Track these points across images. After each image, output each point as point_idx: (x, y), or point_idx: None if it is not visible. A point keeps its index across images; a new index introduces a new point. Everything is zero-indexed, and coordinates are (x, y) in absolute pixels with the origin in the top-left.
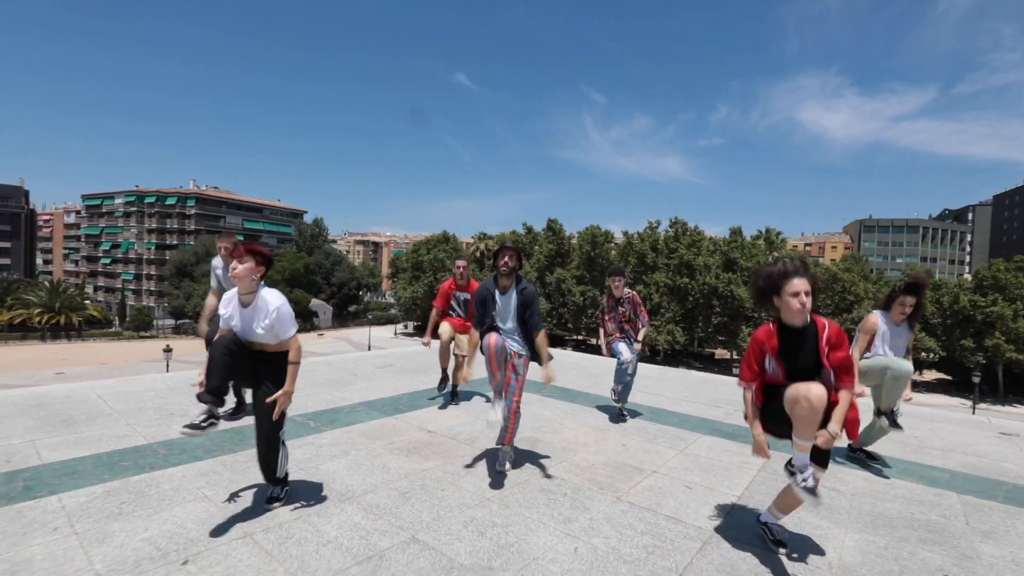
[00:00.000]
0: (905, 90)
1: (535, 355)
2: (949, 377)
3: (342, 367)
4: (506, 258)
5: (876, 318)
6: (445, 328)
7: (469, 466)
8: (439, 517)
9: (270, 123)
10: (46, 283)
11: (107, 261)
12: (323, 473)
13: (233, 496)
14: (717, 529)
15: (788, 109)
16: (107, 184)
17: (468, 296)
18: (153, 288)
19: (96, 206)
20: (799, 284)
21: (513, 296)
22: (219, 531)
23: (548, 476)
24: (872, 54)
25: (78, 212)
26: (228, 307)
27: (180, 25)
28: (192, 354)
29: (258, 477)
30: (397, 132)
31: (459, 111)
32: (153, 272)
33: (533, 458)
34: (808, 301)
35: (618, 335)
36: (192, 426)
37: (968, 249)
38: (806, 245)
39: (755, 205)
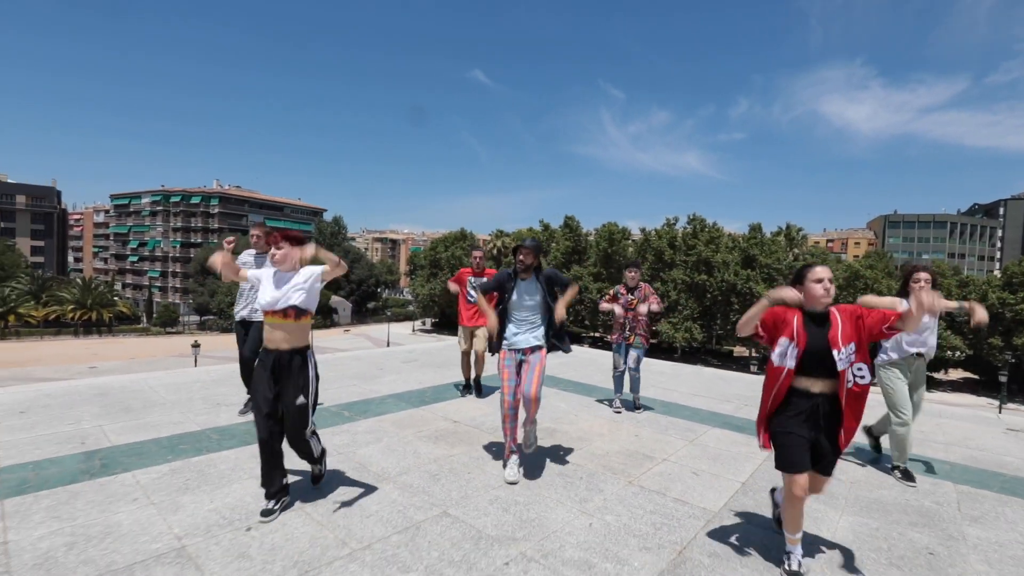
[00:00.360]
0: (935, 81)
1: (551, 344)
2: (976, 376)
3: (370, 362)
4: (521, 256)
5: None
6: (463, 336)
7: (493, 453)
8: (467, 496)
9: (290, 122)
10: (78, 280)
11: (135, 259)
12: (360, 457)
13: None
14: (720, 510)
15: (811, 102)
16: (134, 184)
17: (485, 280)
18: (178, 285)
19: (124, 205)
20: (822, 272)
21: (534, 282)
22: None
23: (565, 462)
24: (900, 44)
25: (107, 211)
26: (260, 274)
27: (206, 25)
28: (218, 349)
29: (296, 462)
30: (415, 130)
31: (476, 108)
32: (178, 270)
33: (551, 446)
34: (831, 287)
35: (618, 336)
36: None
37: (999, 245)
38: (828, 241)
39: (776, 201)
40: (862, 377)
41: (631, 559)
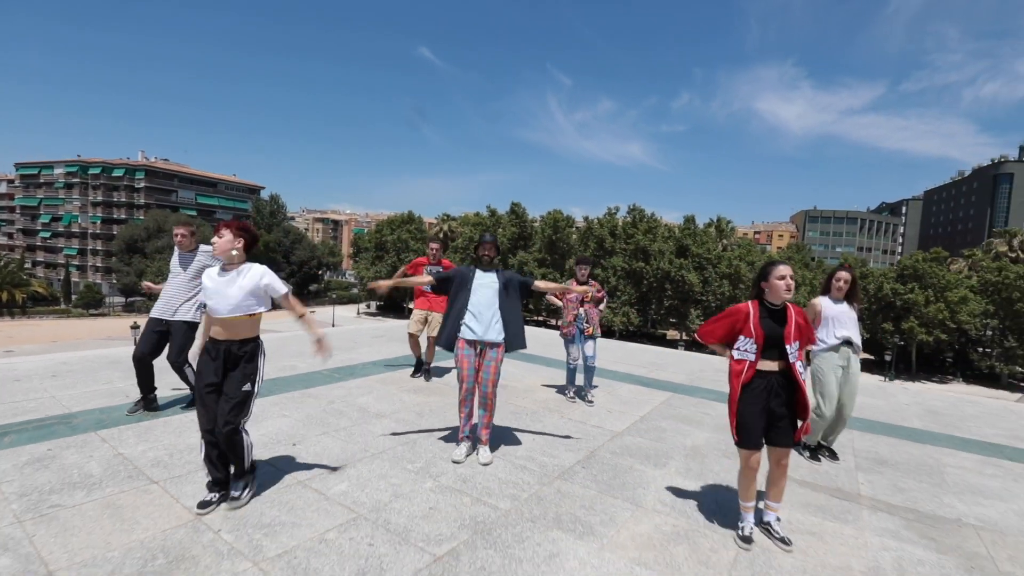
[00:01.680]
0: (857, 84)
1: (509, 342)
2: (872, 357)
3: (345, 337)
4: (484, 251)
5: (820, 301)
6: (415, 320)
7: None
8: (447, 423)
9: (223, 97)
10: None
11: (47, 235)
12: (359, 404)
13: (307, 416)
14: (622, 432)
15: (748, 98)
16: (44, 154)
17: (440, 269)
18: (100, 264)
19: (32, 175)
20: (784, 269)
21: (494, 277)
22: (306, 432)
23: (516, 405)
24: (828, 48)
25: (11, 182)
26: (206, 280)
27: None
28: None
29: (312, 407)
30: (359, 109)
31: (423, 88)
32: (100, 247)
33: (505, 395)
34: (792, 284)
35: (572, 328)
36: (203, 504)
37: (900, 240)
38: (756, 233)
39: (712, 192)
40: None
41: (560, 455)
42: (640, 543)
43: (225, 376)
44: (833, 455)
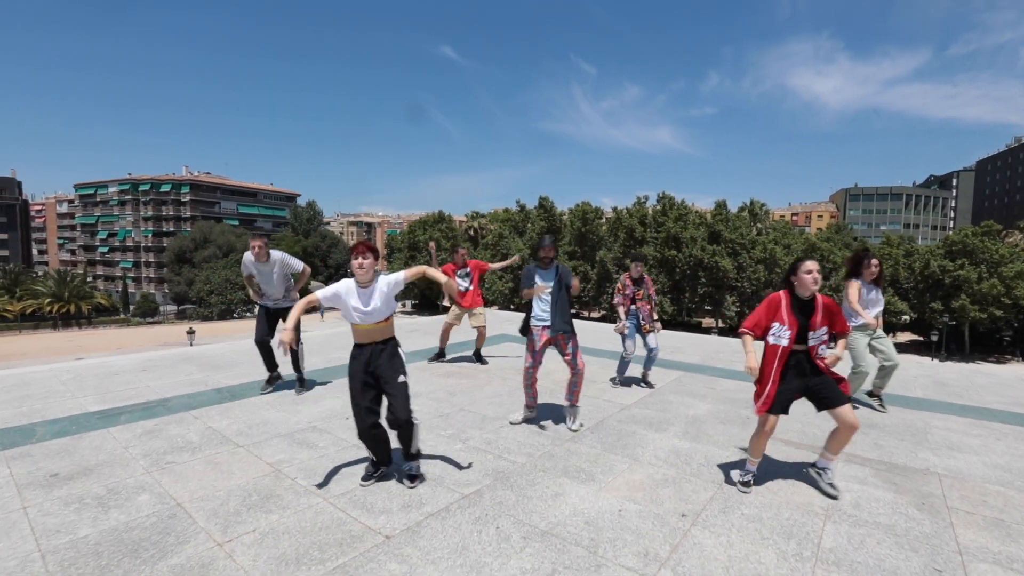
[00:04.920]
0: (898, 53)
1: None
2: (920, 338)
3: None
4: (543, 253)
5: (858, 286)
6: (451, 313)
7: (484, 381)
8: (474, 401)
9: (257, 106)
10: (53, 273)
11: (104, 250)
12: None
13: None
14: (631, 405)
15: (780, 76)
16: (99, 173)
17: (468, 271)
18: (152, 275)
19: (90, 195)
20: (811, 265)
21: (553, 272)
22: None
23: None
24: (865, 16)
25: (71, 202)
26: (345, 296)
27: (164, 9)
28: (206, 336)
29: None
30: (384, 110)
31: (446, 86)
32: (152, 259)
33: None
34: (819, 278)
35: (626, 325)
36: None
37: (952, 215)
38: (793, 215)
39: (745, 175)
40: (827, 353)
41: (572, 424)
42: (632, 487)
43: (379, 375)
44: (881, 403)
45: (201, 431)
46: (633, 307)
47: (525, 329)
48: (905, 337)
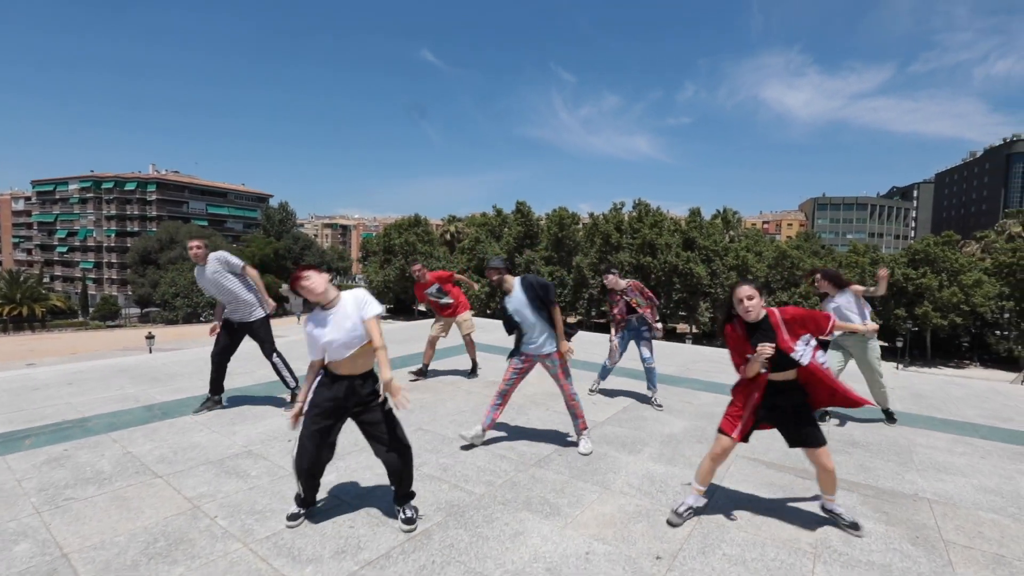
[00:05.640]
0: (865, 68)
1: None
2: (885, 344)
3: None
4: (493, 277)
5: (859, 288)
6: (434, 325)
7: (447, 396)
8: (434, 418)
9: (229, 105)
10: (5, 273)
11: (63, 249)
12: None
13: None
14: (602, 422)
15: (753, 87)
16: (58, 170)
17: (439, 287)
18: (115, 276)
19: (48, 192)
20: (741, 292)
21: (520, 293)
22: None
23: None
24: (833, 32)
25: (28, 199)
26: (317, 327)
27: (134, 5)
28: (168, 341)
29: None
30: (364, 113)
31: (426, 90)
32: (115, 260)
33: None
34: (752, 303)
35: (617, 334)
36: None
37: (913, 225)
38: (764, 223)
39: (718, 183)
40: (821, 362)
41: (539, 445)
42: (602, 521)
43: (363, 406)
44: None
45: (117, 458)
46: (632, 317)
47: (515, 353)
48: None
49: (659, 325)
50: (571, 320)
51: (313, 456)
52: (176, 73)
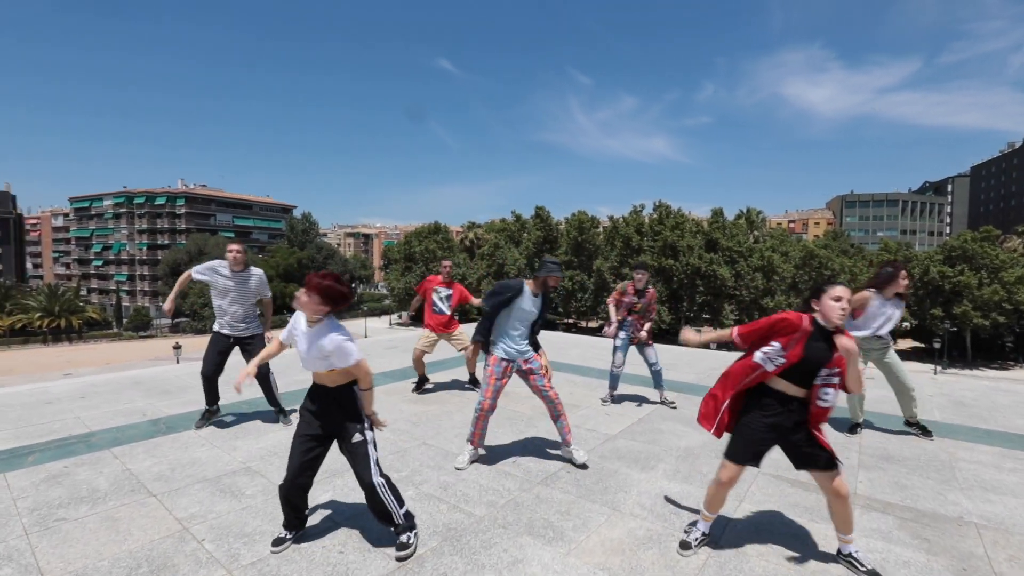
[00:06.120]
0: (890, 62)
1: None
2: (922, 345)
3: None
4: (552, 283)
5: (871, 296)
6: (421, 339)
7: (455, 407)
8: (438, 432)
9: (253, 118)
10: (44, 287)
11: (99, 263)
12: None
13: None
14: (616, 434)
15: (774, 85)
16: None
17: (451, 292)
18: (147, 288)
19: (84, 208)
20: (842, 291)
21: (541, 299)
22: None
23: (511, 411)
24: (856, 26)
25: (66, 215)
26: (293, 328)
27: (157, 21)
28: (197, 350)
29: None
30: (381, 121)
31: (443, 97)
32: (146, 272)
33: (503, 402)
34: (848, 308)
35: (618, 332)
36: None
37: (948, 221)
38: (790, 222)
39: (741, 183)
40: (826, 400)
41: (546, 460)
42: (609, 548)
43: (338, 429)
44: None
45: (115, 475)
46: (628, 318)
47: (490, 348)
48: (906, 344)
49: (643, 334)
50: (592, 324)
51: (295, 468)
52: (202, 88)
